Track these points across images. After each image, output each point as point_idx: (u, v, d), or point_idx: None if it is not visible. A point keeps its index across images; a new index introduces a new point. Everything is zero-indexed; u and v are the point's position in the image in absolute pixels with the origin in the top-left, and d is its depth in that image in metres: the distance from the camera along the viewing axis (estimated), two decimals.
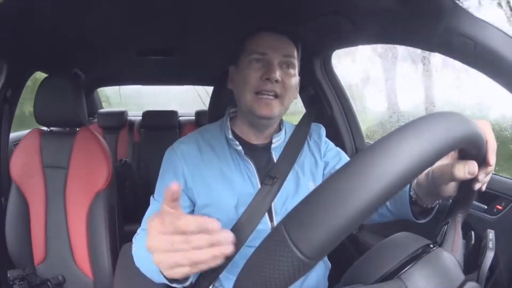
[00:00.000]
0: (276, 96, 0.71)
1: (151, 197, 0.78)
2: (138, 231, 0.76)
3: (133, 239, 0.76)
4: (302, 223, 0.27)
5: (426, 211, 0.63)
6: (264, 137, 0.79)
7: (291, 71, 0.73)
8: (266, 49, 0.71)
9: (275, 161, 0.77)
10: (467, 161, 0.42)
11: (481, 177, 0.43)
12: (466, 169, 0.42)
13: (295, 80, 0.74)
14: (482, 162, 0.43)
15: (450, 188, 0.50)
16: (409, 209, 0.63)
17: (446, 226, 0.44)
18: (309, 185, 0.78)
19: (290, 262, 0.26)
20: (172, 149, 0.77)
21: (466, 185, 0.46)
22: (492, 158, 0.43)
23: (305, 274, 0.27)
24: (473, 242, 0.44)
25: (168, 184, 0.74)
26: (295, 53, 0.75)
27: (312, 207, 0.27)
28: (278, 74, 0.69)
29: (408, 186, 0.63)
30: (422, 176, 0.59)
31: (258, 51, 0.71)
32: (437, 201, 0.61)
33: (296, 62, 0.75)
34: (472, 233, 0.44)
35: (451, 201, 0.49)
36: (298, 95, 1.49)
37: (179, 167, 0.74)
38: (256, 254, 0.29)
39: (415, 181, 0.61)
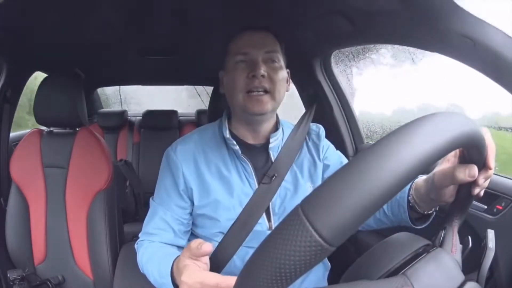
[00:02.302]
0: (266, 91, 0.71)
1: (151, 199, 0.78)
2: (141, 235, 0.76)
3: (136, 245, 0.76)
4: (321, 205, 0.25)
5: (423, 217, 0.64)
6: (261, 137, 0.79)
7: (276, 65, 0.74)
8: (248, 48, 0.72)
9: (273, 160, 0.77)
10: (468, 164, 0.44)
11: (480, 181, 0.45)
12: (467, 172, 0.44)
13: (282, 73, 0.74)
14: (482, 167, 0.44)
15: (449, 193, 0.52)
16: (407, 214, 0.64)
17: (443, 231, 0.44)
18: (307, 186, 0.78)
19: (308, 247, 0.25)
20: (171, 149, 0.77)
21: (464, 190, 0.47)
22: (492, 162, 0.44)
23: (322, 260, 0.26)
24: (470, 246, 0.44)
25: (168, 185, 0.75)
26: (278, 47, 0.75)
27: (332, 189, 0.26)
28: (263, 70, 0.70)
29: (407, 190, 0.64)
30: (421, 180, 0.60)
31: (241, 52, 0.73)
32: (434, 208, 0.62)
33: (280, 56, 0.75)
34: (469, 238, 0.44)
35: (448, 207, 0.49)
36: (299, 96, 1.51)
37: (179, 168, 0.74)
38: (269, 239, 0.27)
39: (413, 185, 0.63)
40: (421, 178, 0.60)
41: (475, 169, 0.43)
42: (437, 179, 0.52)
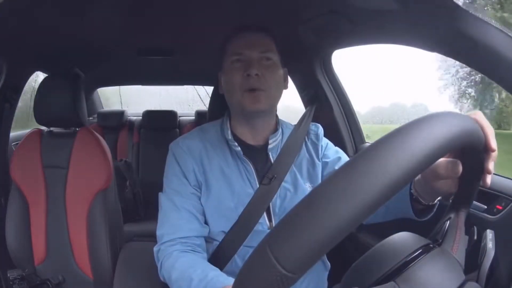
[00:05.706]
0: (261, 89, 0.72)
1: (161, 194, 0.76)
2: (164, 234, 0.71)
3: (159, 248, 0.71)
4: (283, 236, 0.27)
5: (427, 208, 0.61)
6: (260, 137, 0.79)
7: (271, 63, 0.74)
8: (243, 49, 0.73)
9: (272, 162, 0.77)
10: (450, 159, 0.43)
11: (490, 166, 0.41)
12: (449, 167, 0.42)
13: (277, 72, 0.75)
14: (486, 151, 0.40)
15: (448, 185, 0.49)
16: (409, 206, 0.61)
17: (448, 222, 0.42)
18: (306, 187, 0.78)
19: (274, 276, 0.26)
20: (177, 144, 0.77)
21: (467, 176, 0.44)
22: (493, 143, 0.40)
23: (291, 285, 0.27)
24: (475, 237, 0.42)
25: (180, 176, 0.74)
26: (274, 47, 0.76)
27: (292, 220, 0.27)
28: (257, 69, 0.71)
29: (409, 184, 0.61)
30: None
31: (237, 52, 0.74)
32: (438, 198, 0.59)
33: (275, 55, 0.76)
34: (475, 228, 0.42)
35: (453, 197, 0.47)
36: (298, 95, 1.51)
37: (188, 161, 0.75)
38: (245, 265, 0.29)
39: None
40: None
41: (457, 164, 0.41)
42: (423, 175, 0.52)
